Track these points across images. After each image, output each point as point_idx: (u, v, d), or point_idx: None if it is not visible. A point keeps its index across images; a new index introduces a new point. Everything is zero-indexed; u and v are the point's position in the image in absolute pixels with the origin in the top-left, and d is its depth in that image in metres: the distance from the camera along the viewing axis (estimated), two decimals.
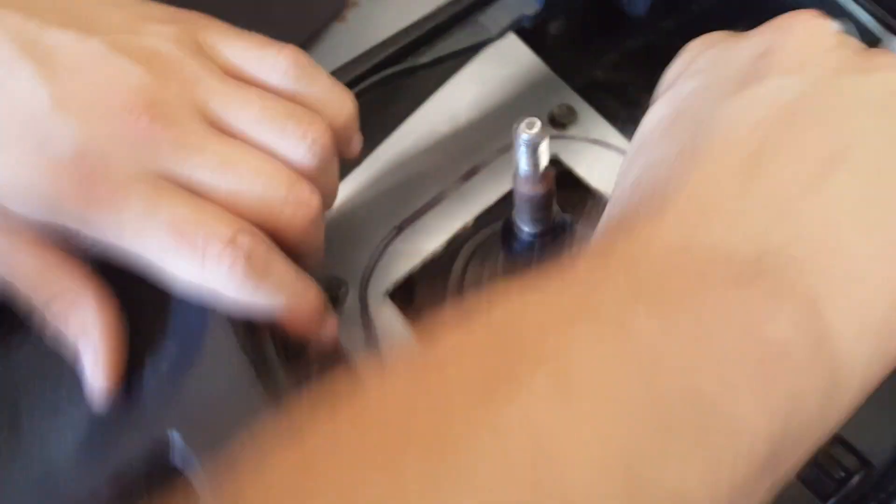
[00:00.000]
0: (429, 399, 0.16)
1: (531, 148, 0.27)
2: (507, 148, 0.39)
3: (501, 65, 0.40)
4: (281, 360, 0.28)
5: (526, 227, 0.31)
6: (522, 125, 0.26)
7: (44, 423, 0.28)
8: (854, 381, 0.20)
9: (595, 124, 0.40)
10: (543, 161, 0.28)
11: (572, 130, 0.40)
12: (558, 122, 0.39)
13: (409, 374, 0.17)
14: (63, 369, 0.29)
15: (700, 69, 0.25)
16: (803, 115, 0.22)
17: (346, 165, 0.37)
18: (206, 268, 0.26)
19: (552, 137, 0.39)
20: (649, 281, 0.18)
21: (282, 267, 0.28)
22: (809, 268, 0.20)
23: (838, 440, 0.31)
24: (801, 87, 0.23)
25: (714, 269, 0.19)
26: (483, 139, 0.39)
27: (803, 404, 0.19)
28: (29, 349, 0.30)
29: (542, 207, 0.30)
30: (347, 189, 0.38)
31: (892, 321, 0.21)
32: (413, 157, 0.39)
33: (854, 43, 0.25)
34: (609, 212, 0.25)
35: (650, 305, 0.18)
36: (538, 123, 0.26)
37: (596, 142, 0.39)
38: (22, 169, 0.26)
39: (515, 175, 0.29)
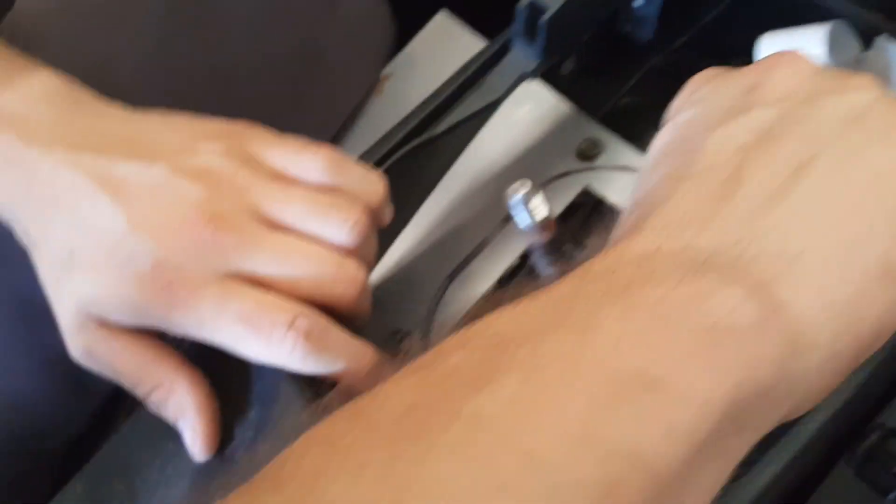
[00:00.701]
0: (425, 395, 0.19)
1: (523, 205, 0.30)
2: (540, 186, 0.42)
3: (527, 108, 0.43)
4: None
5: (545, 272, 0.34)
6: (511, 188, 0.30)
7: (157, 494, 0.33)
8: (817, 354, 0.22)
9: (622, 151, 0.42)
10: (540, 214, 0.31)
11: (600, 160, 0.42)
12: (586, 156, 0.42)
13: (415, 378, 0.21)
14: (170, 446, 0.33)
15: (698, 100, 0.28)
16: (778, 136, 0.25)
17: (397, 226, 0.40)
18: (273, 349, 0.31)
19: (582, 171, 0.42)
20: (615, 287, 0.21)
21: (338, 337, 0.32)
22: (764, 259, 0.22)
23: (892, 433, 0.32)
24: (780, 114, 0.25)
25: (672, 268, 0.22)
26: (517, 181, 0.42)
27: (756, 372, 0.21)
28: (141, 430, 0.35)
29: (551, 253, 0.33)
30: (401, 248, 0.41)
31: (854, 305, 0.22)
32: (456, 210, 0.42)
33: (833, 72, 0.27)
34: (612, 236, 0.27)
35: (613, 308, 0.21)
36: (524, 185, 0.30)
37: (624, 168, 0.42)
38: (113, 285, 0.31)
39: (521, 231, 0.32)
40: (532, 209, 0.31)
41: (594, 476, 0.18)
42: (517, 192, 0.30)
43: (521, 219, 0.31)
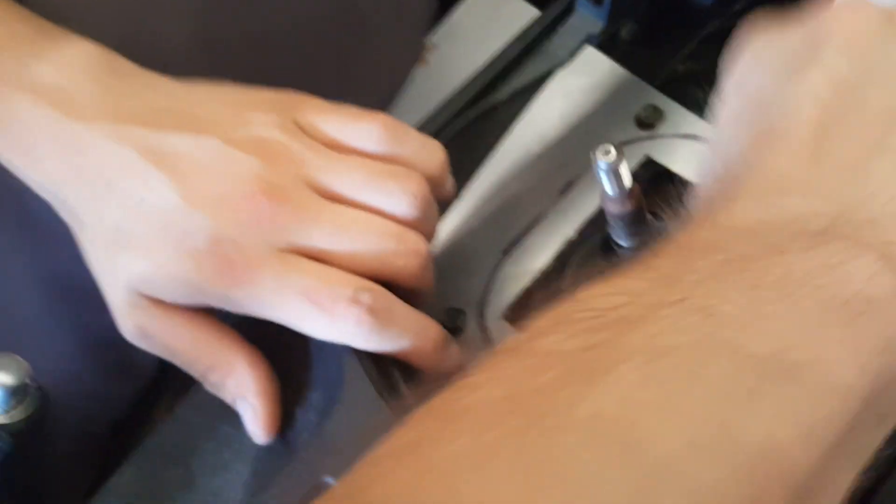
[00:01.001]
0: (522, 386, 0.18)
1: (611, 172, 0.28)
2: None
3: (582, 76, 0.41)
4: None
5: (624, 244, 0.32)
6: (599, 152, 0.28)
7: (215, 479, 0.31)
8: None
9: (683, 118, 0.40)
10: (626, 181, 0.29)
11: (661, 129, 0.40)
12: (645, 124, 0.40)
13: (508, 365, 0.19)
14: (227, 429, 0.32)
15: (762, 61, 0.27)
16: (859, 84, 0.24)
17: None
18: (336, 325, 0.29)
19: (642, 139, 0.40)
20: (731, 262, 0.20)
21: (402, 312, 0.31)
22: (883, 223, 0.21)
23: None
24: (854, 61, 0.24)
25: (790, 238, 0.20)
26: (574, 152, 0.40)
27: None
28: (194, 412, 0.34)
29: (634, 223, 0.31)
30: (452, 223, 0.40)
31: None
32: (509, 182, 0.40)
33: None
34: (693, 207, 0.26)
35: (733, 286, 0.19)
36: (613, 149, 0.28)
37: (686, 136, 0.40)
38: (167, 264, 0.30)
39: (603, 197, 0.30)
40: (621, 175, 0.29)
41: (735, 485, 0.17)
42: (605, 158, 0.28)
43: (609, 186, 0.30)
